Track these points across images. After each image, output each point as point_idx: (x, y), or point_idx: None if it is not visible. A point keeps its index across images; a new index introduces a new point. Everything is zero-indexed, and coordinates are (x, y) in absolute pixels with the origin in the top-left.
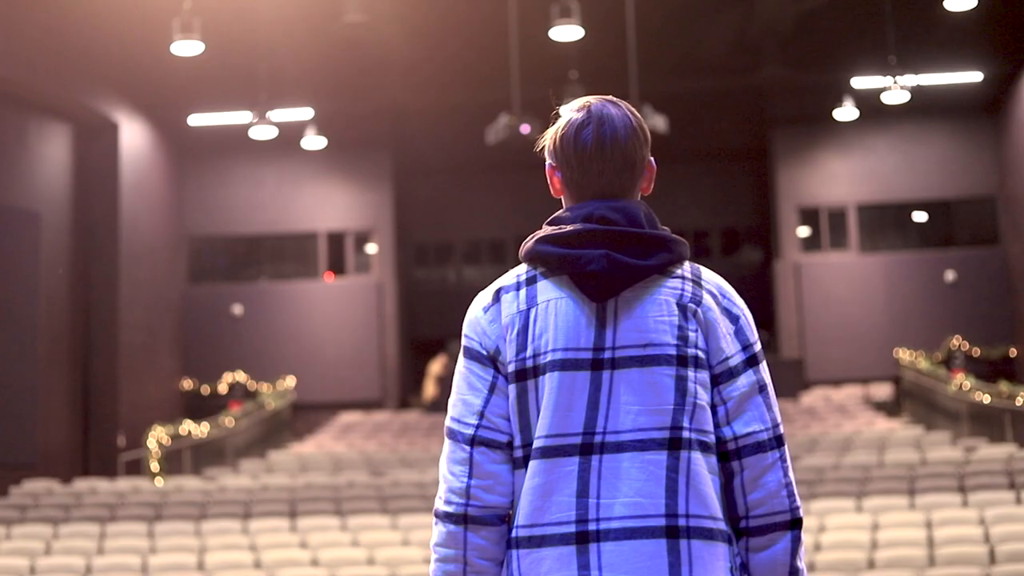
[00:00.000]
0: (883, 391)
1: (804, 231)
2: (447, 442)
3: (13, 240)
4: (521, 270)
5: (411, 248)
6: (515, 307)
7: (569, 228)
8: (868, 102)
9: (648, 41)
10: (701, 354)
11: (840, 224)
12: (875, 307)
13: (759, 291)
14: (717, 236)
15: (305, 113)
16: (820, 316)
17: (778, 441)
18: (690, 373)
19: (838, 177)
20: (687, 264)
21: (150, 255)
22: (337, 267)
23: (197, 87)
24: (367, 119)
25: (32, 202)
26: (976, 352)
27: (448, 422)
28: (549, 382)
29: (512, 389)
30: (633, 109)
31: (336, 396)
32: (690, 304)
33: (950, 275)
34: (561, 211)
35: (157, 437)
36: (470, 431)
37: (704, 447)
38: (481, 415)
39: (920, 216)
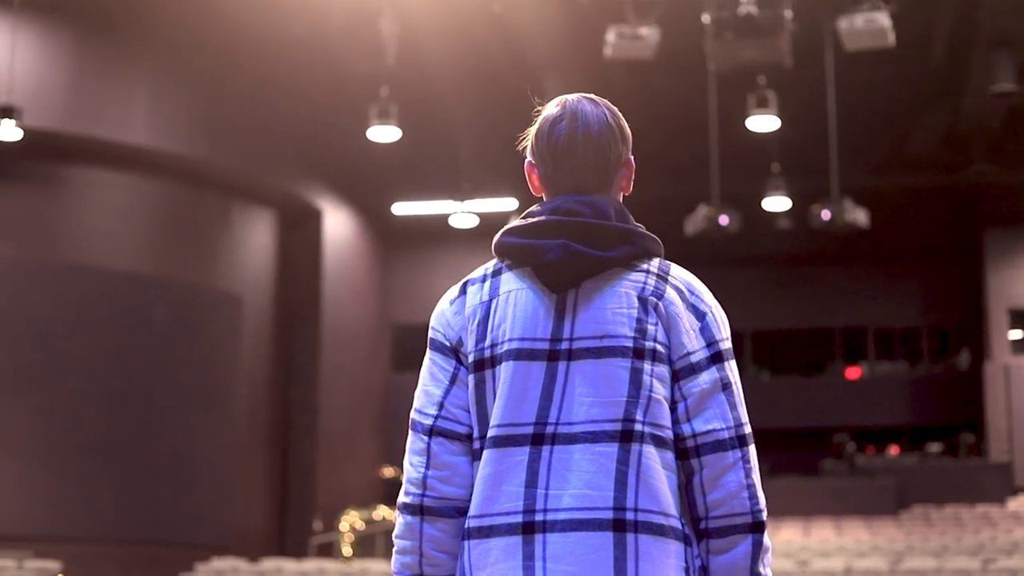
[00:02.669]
0: None
1: (1016, 334)
2: (409, 433)
3: (215, 323)
4: (490, 263)
5: None
6: (478, 298)
7: (534, 220)
8: None
9: (851, 135)
10: (660, 348)
11: None
12: None
13: (968, 393)
14: (925, 336)
15: (509, 203)
16: None
17: (741, 441)
18: (646, 366)
19: None
20: (656, 260)
21: (352, 342)
22: None
23: (400, 175)
24: None
25: (235, 286)
26: None
27: (411, 413)
28: (504, 372)
29: (471, 379)
30: (612, 106)
31: None
32: (651, 297)
33: None
34: (534, 206)
35: (351, 521)
36: (429, 421)
37: (658, 441)
38: (441, 405)
39: None
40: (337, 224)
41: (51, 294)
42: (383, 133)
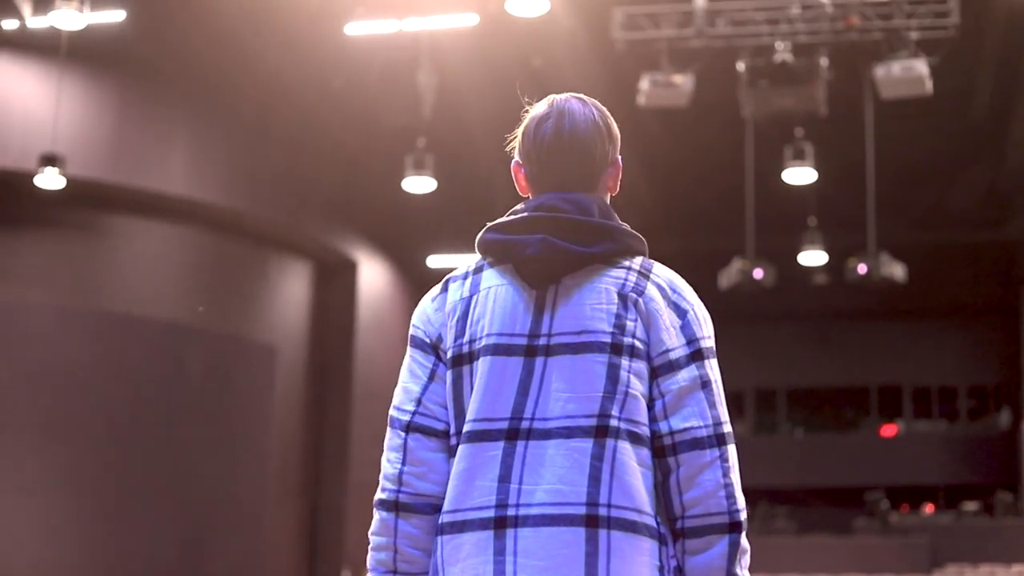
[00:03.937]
0: None
1: None
2: (387, 430)
3: (249, 373)
4: (473, 260)
5: None
6: (459, 295)
7: (516, 217)
8: None
9: (890, 189)
10: (639, 344)
11: None
12: None
13: (1007, 452)
14: (964, 395)
15: None
16: None
17: (719, 440)
18: (624, 362)
19: None
20: (639, 258)
21: (385, 394)
22: None
23: (436, 226)
24: None
25: (269, 336)
26: None
27: (390, 410)
28: (481, 367)
29: (449, 375)
30: (600, 106)
31: None
32: (631, 294)
33: None
34: (519, 204)
35: None
36: (406, 417)
37: (634, 438)
38: (419, 402)
39: None
40: (372, 276)
41: (89, 341)
42: (418, 184)
